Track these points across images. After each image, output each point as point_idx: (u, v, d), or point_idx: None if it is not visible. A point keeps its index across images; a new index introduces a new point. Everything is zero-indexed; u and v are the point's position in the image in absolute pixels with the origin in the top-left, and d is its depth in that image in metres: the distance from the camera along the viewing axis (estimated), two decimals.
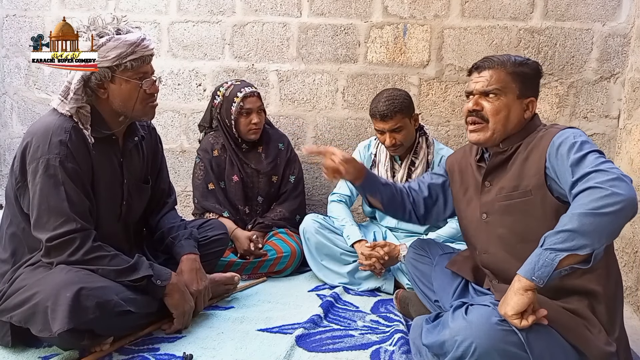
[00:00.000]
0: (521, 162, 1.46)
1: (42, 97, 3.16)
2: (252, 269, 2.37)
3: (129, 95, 1.66)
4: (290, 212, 2.58)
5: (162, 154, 2.01)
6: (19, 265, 1.61)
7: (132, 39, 1.61)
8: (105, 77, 1.62)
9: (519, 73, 1.49)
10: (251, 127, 2.47)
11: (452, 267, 1.71)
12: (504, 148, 1.52)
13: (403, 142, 2.27)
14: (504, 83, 1.48)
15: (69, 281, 1.45)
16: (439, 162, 2.34)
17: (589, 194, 1.21)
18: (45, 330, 1.41)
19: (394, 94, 2.25)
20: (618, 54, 2.58)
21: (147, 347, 1.64)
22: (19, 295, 1.50)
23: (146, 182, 1.90)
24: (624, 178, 1.21)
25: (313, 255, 2.35)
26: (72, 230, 1.53)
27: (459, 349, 1.28)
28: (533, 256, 1.25)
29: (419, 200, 1.78)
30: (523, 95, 1.49)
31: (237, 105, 2.45)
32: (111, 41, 1.59)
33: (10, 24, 3.14)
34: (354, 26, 2.82)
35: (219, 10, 2.93)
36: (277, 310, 1.99)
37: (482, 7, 2.68)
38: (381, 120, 2.22)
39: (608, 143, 2.65)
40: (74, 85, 1.60)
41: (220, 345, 1.67)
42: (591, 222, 1.18)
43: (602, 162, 1.26)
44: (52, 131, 1.57)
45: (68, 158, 1.57)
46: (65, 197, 1.54)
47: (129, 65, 1.62)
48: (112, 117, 1.70)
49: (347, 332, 1.80)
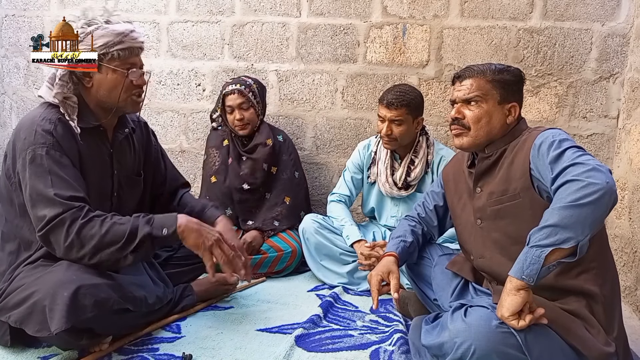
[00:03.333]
0: (507, 166, 1.49)
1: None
2: (252, 267, 2.37)
3: (114, 85, 1.64)
4: (288, 209, 2.57)
5: (158, 147, 2.01)
6: (17, 264, 1.61)
7: (120, 29, 1.61)
8: None
9: (499, 80, 1.53)
10: (236, 124, 2.53)
11: (452, 267, 1.72)
12: (489, 153, 1.55)
13: (398, 138, 2.27)
14: (484, 90, 1.53)
15: (67, 280, 1.45)
16: (438, 162, 2.35)
17: (566, 188, 1.23)
18: (43, 329, 1.40)
19: (408, 89, 2.29)
20: (617, 54, 2.59)
21: (146, 347, 1.64)
22: (17, 295, 1.49)
23: (138, 174, 1.89)
24: (600, 168, 1.23)
25: (312, 255, 2.35)
26: (59, 213, 1.50)
27: (458, 351, 1.28)
28: (521, 256, 1.27)
29: (433, 228, 1.85)
30: (504, 101, 1.53)
31: (222, 102, 2.56)
32: (99, 30, 1.59)
33: (10, 24, 3.14)
34: (353, 26, 2.82)
35: (218, 10, 2.93)
36: (277, 310, 1.99)
37: (482, 7, 2.68)
38: (386, 107, 2.25)
39: (607, 143, 2.65)
40: (60, 71, 1.61)
41: (219, 345, 1.67)
42: (571, 214, 1.20)
43: (579, 155, 1.29)
44: (37, 123, 1.57)
45: (54, 146, 1.55)
46: (51, 185, 1.52)
47: (116, 54, 1.62)
48: (98, 108, 1.69)
49: (346, 332, 1.80)
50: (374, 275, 1.64)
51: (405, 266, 1.92)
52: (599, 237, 1.37)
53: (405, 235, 1.80)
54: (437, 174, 2.34)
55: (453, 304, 1.45)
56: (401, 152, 2.38)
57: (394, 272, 1.63)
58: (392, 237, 1.82)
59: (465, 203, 1.64)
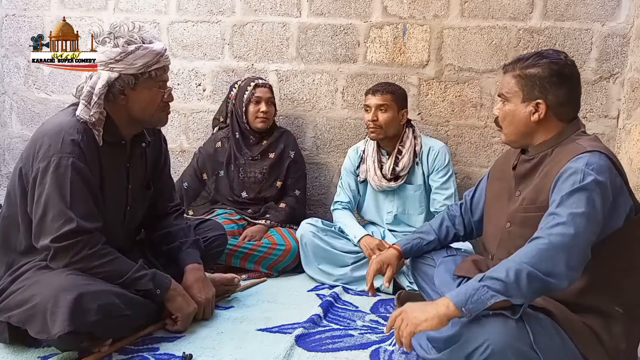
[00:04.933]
0: (544, 174, 1.42)
1: (41, 97, 3.16)
2: (252, 266, 2.40)
3: (150, 103, 1.68)
4: (290, 207, 2.65)
5: (167, 156, 1.99)
6: (20, 265, 1.60)
7: (158, 48, 1.64)
8: (128, 84, 1.62)
9: (523, 76, 1.44)
10: (259, 115, 2.59)
11: (459, 272, 1.67)
12: (531, 156, 1.48)
13: (383, 125, 2.33)
14: (508, 88, 1.48)
15: (70, 284, 1.45)
16: (427, 152, 2.40)
17: (540, 251, 1.26)
18: (44, 332, 1.41)
19: (393, 83, 2.48)
20: (617, 54, 2.58)
21: (146, 346, 1.64)
22: (18, 295, 1.50)
23: (148, 187, 1.89)
24: (573, 252, 1.25)
25: (310, 259, 2.35)
26: (76, 231, 1.52)
27: (469, 347, 1.28)
28: (469, 287, 1.27)
29: (473, 222, 1.80)
30: (528, 99, 1.44)
31: (249, 93, 2.59)
32: (140, 49, 1.60)
33: (10, 23, 3.14)
34: (353, 26, 2.82)
35: (219, 10, 2.93)
36: (277, 310, 1.99)
37: (482, 7, 2.68)
38: (372, 94, 2.36)
39: (607, 143, 2.65)
40: (98, 90, 1.59)
41: (219, 345, 1.67)
42: (532, 286, 1.24)
43: (576, 217, 1.26)
44: (64, 130, 1.58)
45: (80, 158, 1.56)
46: (71, 197, 1.53)
47: (153, 74, 1.65)
48: (125, 124, 1.70)
49: (346, 332, 1.80)
50: (374, 263, 1.78)
51: (411, 268, 1.92)
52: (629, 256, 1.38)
53: (428, 232, 1.83)
54: (427, 165, 2.36)
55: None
56: (388, 147, 2.42)
57: (392, 265, 1.77)
58: (414, 232, 1.88)
59: (502, 203, 1.58)
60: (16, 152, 3.23)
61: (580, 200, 1.27)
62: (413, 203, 2.42)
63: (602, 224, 1.30)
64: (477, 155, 2.78)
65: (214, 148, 2.70)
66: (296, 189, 2.70)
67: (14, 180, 1.64)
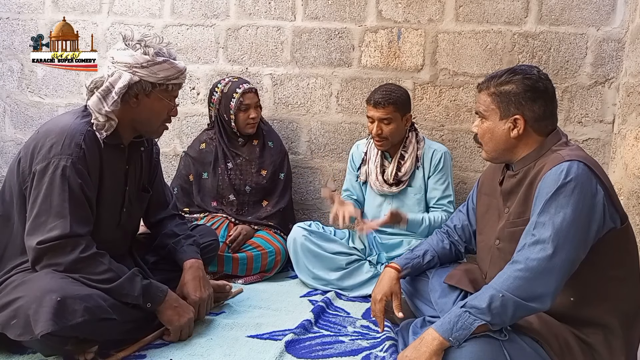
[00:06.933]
0: (527, 187, 1.41)
1: (34, 101, 3.14)
2: (245, 270, 2.39)
3: (157, 113, 1.73)
4: (277, 209, 2.62)
5: (158, 163, 2.03)
6: (11, 267, 1.58)
7: (181, 66, 1.71)
8: (144, 90, 1.66)
9: (498, 93, 1.44)
10: (249, 122, 2.57)
11: (450, 280, 1.66)
12: (516, 171, 1.47)
13: (389, 137, 2.29)
14: (485, 105, 1.47)
15: (56, 285, 1.43)
16: (430, 156, 2.37)
17: (517, 280, 1.27)
18: (27, 333, 1.37)
19: (393, 87, 2.33)
20: (612, 59, 2.57)
21: (133, 353, 1.61)
22: (2, 298, 1.47)
23: (145, 190, 1.91)
24: (553, 272, 1.25)
25: (302, 263, 2.33)
26: (66, 235, 1.51)
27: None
28: (452, 315, 1.28)
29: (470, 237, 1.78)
30: (505, 116, 1.44)
31: (237, 100, 2.53)
32: (166, 63, 1.66)
33: (4, 26, 3.13)
34: (348, 30, 2.81)
35: (213, 13, 2.92)
36: (268, 316, 1.97)
37: (476, 11, 2.67)
38: (373, 107, 2.28)
39: (603, 148, 2.64)
40: (119, 88, 1.62)
41: (208, 352, 1.65)
42: (514, 312, 1.26)
43: (552, 231, 1.26)
44: (67, 132, 1.59)
45: (80, 161, 1.57)
46: (67, 200, 1.53)
47: (170, 87, 1.70)
48: (126, 127, 1.72)
49: (337, 338, 1.78)
50: (379, 301, 1.67)
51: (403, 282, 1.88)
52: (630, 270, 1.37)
53: (428, 250, 1.79)
54: (429, 167, 2.34)
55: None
56: (391, 151, 2.40)
57: (396, 293, 1.68)
58: (413, 250, 1.82)
59: (492, 221, 1.56)
60: (9, 155, 3.21)
61: (558, 208, 1.28)
62: (412, 206, 2.40)
63: (587, 228, 1.29)
64: (472, 159, 2.77)
65: (198, 150, 2.68)
66: (280, 173, 2.67)
67: (10, 179, 1.64)
